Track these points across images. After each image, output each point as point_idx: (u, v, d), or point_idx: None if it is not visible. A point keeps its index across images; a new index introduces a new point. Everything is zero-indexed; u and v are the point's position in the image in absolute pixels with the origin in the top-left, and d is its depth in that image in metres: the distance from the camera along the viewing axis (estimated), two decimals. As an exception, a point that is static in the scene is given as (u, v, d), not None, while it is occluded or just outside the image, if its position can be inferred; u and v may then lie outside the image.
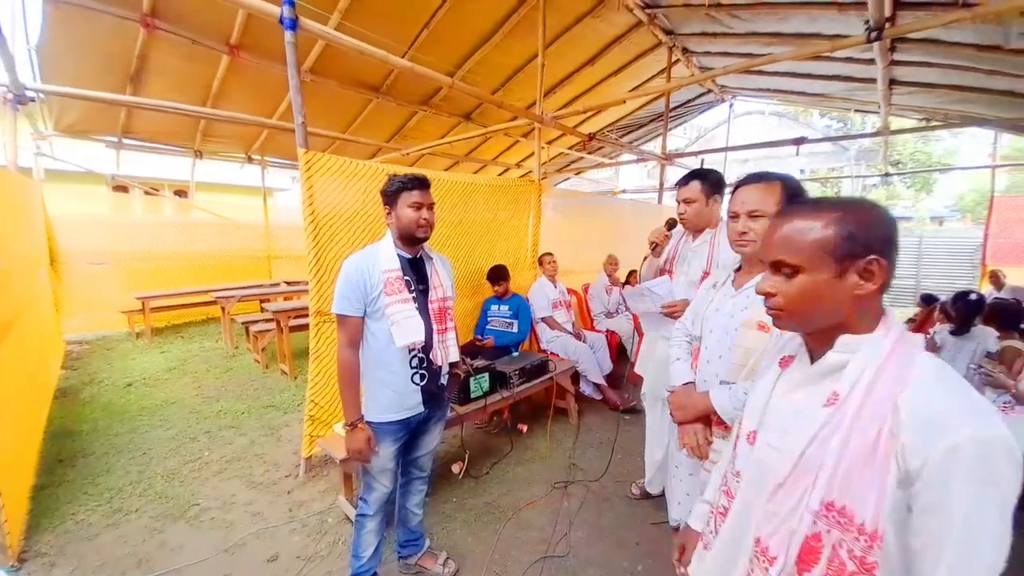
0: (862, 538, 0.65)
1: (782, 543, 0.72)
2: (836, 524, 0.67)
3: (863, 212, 0.73)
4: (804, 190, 1.36)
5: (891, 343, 0.70)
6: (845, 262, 0.72)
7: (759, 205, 1.33)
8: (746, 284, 1.39)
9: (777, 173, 1.37)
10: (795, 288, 0.76)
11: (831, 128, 17.90)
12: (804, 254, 0.74)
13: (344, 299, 1.63)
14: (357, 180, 2.74)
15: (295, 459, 2.90)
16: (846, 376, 0.71)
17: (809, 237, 0.74)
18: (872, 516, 0.64)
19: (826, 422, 0.70)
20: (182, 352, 5.41)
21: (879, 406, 0.66)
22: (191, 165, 6.53)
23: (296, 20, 2.30)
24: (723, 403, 1.33)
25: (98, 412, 3.63)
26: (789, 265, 0.76)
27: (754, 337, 1.31)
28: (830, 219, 0.73)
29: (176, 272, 6.70)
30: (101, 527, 2.30)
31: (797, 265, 0.75)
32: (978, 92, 4.27)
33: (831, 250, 0.72)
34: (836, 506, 0.67)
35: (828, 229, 0.73)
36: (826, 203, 0.76)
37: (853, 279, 0.72)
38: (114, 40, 3.95)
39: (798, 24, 3.92)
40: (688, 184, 2.08)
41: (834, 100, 6.21)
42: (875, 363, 0.69)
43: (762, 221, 1.33)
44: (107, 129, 5.36)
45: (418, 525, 2.03)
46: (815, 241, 0.73)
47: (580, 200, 6.77)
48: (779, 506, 0.73)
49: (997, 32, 3.04)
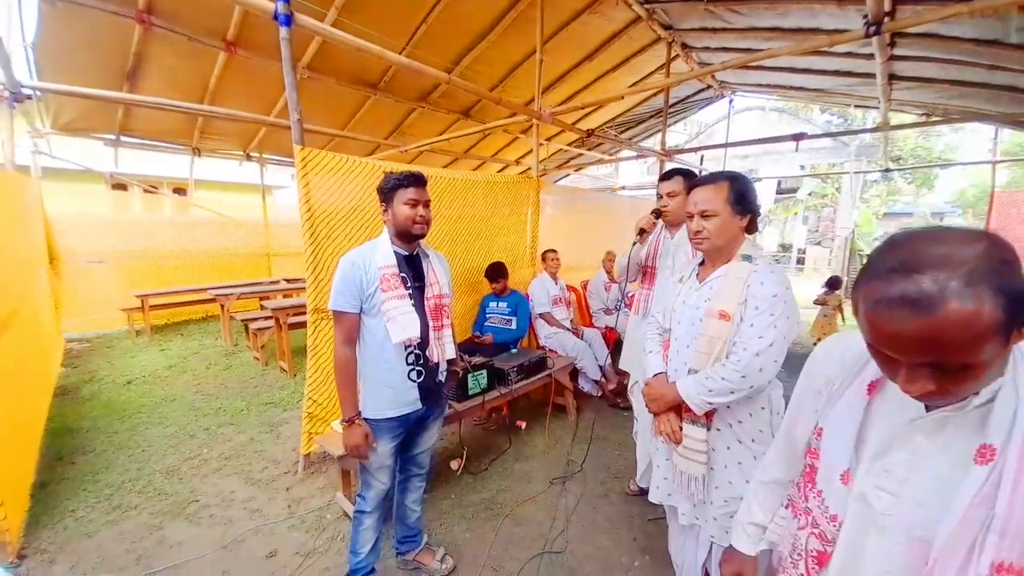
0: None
1: None
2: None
3: (990, 241, 0.57)
4: (751, 188, 1.46)
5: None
6: (1012, 335, 0.57)
7: (709, 205, 1.43)
8: (709, 277, 1.49)
9: (727, 173, 1.48)
10: (961, 380, 0.60)
11: (831, 124, 17.82)
12: (976, 351, 0.56)
13: (340, 295, 1.63)
14: (354, 177, 2.73)
15: (294, 456, 2.90)
16: (994, 425, 0.62)
17: (976, 331, 0.54)
18: None
19: (986, 480, 0.62)
20: (182, 350, 5.42)
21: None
22: (190, 163, 6.51)
23: (291, 16, 2.29)
24: (689, 393, 1.42)
25: (98, 409, 3.64)
26: (956, 365, 0.58)
27: (717, 326, 1.39)
28: (991, 305, 0.54)
29: (175, 270, 6.72)
30: (100, 524, 2.30)
31: (969, 364, 0.57)
32: (978, 87, 4.24)
33: (1002, 330, 0.55)
34: (1015, 568, 0.60)
35: (984, 307, 0.53)
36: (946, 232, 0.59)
37: (1016, 337, 0.59)
38: (110, 37, 3.93)
39: (798, 19, 3.89)
40: (671, 178, 2.25)
41: (834, 95, 6.18)
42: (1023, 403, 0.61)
43: (713, 220, 1.43)
44: (105, 127, 5.34)
45: (416, 521, 2.03)
46: (986, 330, 0.54)
47: (579, 197, 6.76)
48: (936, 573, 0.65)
49: (996, 27, 3.02)
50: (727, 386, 1.35)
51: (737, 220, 1.43)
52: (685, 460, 1.49)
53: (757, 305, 1.35)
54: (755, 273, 1.38)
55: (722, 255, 1.48)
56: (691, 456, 1.47)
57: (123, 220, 6.44)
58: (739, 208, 1.42)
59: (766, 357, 1.33)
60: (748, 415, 1.45)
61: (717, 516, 1.48)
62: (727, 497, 1.46)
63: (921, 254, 0.57)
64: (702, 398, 1.39)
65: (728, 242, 1.45)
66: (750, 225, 1.46)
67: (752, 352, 1.32)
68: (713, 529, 1.50)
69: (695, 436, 1.47)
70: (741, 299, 1.37)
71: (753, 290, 1.36)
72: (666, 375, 1.56)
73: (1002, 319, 0.54)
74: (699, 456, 1.46)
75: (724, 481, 1.46)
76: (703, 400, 1.39)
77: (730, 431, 1.45)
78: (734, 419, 1.45)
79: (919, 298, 0.55)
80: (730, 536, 1.10)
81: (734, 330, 1.37)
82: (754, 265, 1.40)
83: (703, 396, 1.39)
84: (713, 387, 1.36)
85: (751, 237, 1.48)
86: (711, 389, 1.37)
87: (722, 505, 1.47)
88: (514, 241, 4.18)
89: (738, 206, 1.42)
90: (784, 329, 1.34)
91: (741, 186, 1.43)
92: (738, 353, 1.35)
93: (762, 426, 1.45)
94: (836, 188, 14.93)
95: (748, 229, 1.47)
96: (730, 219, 1.42)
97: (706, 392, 1.38)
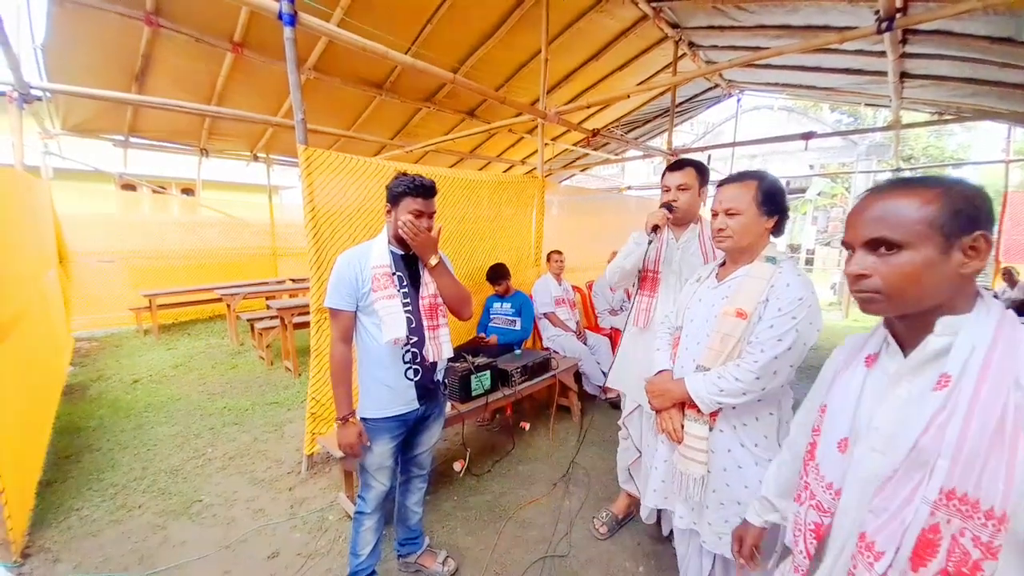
0: (990, 523, 0.61)
1: (891, 538, 0.68)
2: (957, 512, 0.64)
3: (965, 189, 0.70)
4: (782, 189, 1.42)
5: (995, 320, 0.68)
6: (952, 238, 0.68)
7: (735, 203, 1.39)
8: (728, 276, 1.45)
9: (756, 172, 1.43)
10: (896, 267, 0.71)
11: (841, 123, 17.62)
12: (909, 230, 0.69)
13: (336, 293, 1.64)
14: (358, 177, 2.73)
15: (297, 456, 2.90)
16: (954, 357, 0.67)
17: (914, 213, 0.69)
18: (1001, 499, 0.61)
19: (941, 406, 0.67)
20: (188, 349, 5.46)
21: (999, 383, 0.63)
22: (197, 163, 6.57)
23: (295, 16, 2.29)
24: (698, 390, 1.38)
25: (105, 408, 3.67)
26: (891, 242, 0.71)
27: (732, 323, 1.36)
28: (933, 195, 0.69)
29: (183, 270, 6.77)
30: (104, 523, 2.31)
31: (901, 242, 0.70)
32: (991, 85, 4.16)
33: (939, 226, 0.68)
34: (957, 494, 0.64)
35: (933, 204, 0.69)
36: (924, 180, 0.73)
37: (958, 257, 0.69)
38: (119, 38, 3.97)
39: (808, 16, 3.84)
40: (682, 168, 1.97)
41: (844, 94, 6.09)
42: (984, 341, 0.66)
43: (738, 219, 1.39)
44: (114, 128, 5.40)
45: (417, 523, 2.02)
46: (922, 217, 0.69)
47: (585, 197, 6.73)
48: (888, 501, 0.70)
49: (1010, 23, 2.96)
50: (740, 387, 1.31)
51: (763, 221, 1.39)
52: (684, 460, 1.45)
53: (780, 307, 1.30)
54: (780, 274, 1.34)
55: (744, 255, 1.43)
56: (691, 455, 1.44)
57: (132, 220, 6.51)
58: (766, 208, 1.38)
59: (783, 361, 1.29)
60: (755, 419, 1.41)
61: (712, 521, 1.44)
62: (723, 500, 1.42)
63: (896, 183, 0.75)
64: (712, 397, 1.35)
65: (752, 243, 1.41)
66: (776, 227, 1.42)
67: (770, 355, 1.28)
68: (707, 535, 1.46)
69: (697, 434, 1.43)
70: (762, 298, 1.33)
71: (778, 291, 1.32)
72: (671, 372, 1.53)
73: (938, 218, 0.68)
74: (699, 456, 1.42)
75: (722, 484, 1.42)
76: (713, 399, 1.35)
77: (734, 433, 1.42)
78: (739, 421, 1.41)
79: (881, 188, 0.75)
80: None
81: (749, 329, 1.34)
82: (779, 267, 1.36)
83: (713, 395, 1.35)
84: (725, 387, 1.33)
85: (775, 240, 1.44)
86: (723, 389, 1.33)
87: (718, 509, 1.43)
88: (519, 242, 4.16)
89: (765, 206, 1.38)
90: (804, 334, 1.30)
91: (770, 186, 1.39)
92: (755, 354, 1.31)
93: (768, 431, 1.41)
94: (846, 188, 14.78)
95: (774, 231, 1.42)
96: (756, 219, 1.39)
97: (717, 391, 1.34)
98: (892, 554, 0.68)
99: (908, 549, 0.67)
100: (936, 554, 0.65)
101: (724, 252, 1.50)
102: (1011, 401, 0.62)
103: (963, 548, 0.63)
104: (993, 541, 0.61)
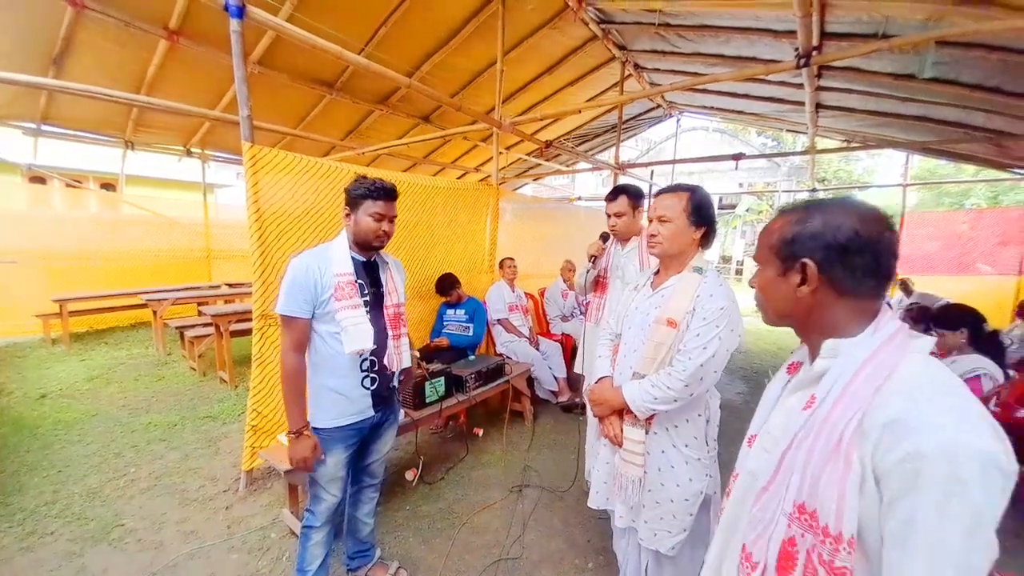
0: (828, 540, 0.64)
1: (763, 548, 0.72)
2: (808, 527, 0.67)
3: (822, 215, 0.75)
4: (711, 203, 1.55)
5: (877, 344, 0.69)
6: (786, 262, 0.77)
7: (667, 211, 1.52)
8: (661, 285, 1.56)
9: (689, 185, 1.56)
10: (759, 283, 0.84)
11: (766, 146, 19.23)
12: (761, 252, 0.83)
13: (291, 299, 1.55)
14: (308, 177, 2.64)
15: (235, 472, 2.73)
16: (824, 380, 0.71)
17: (770, 238, 0.81)
18: (836, 519, 0.63)
19: (802, 425, 0.71)
20: (106, 360, 4.95)
21: (848, 408, 0.66)
22: (121, 156, 6.02)
23: (243, 8, 2.20)
24: (634, 398, 1.47)
25: (6, 427, 3.26)
26: (757, 261, 0.84)
27: (664, 332, 1.46)
28: (788, 220, 0.79)
29: (101, 272, 6.15)
30: (14, 551, 2.08)
31: (759, 261, 0.84)
32: (893, 117, 4.74)
33: (776, 251, 0.79)
34: (807, 509, 0.67)
35: (782, 230, 0.78)
36: (800, 206, 0.80)
37: (794, 279, 0.76)
38: (36, 18, 3.59)
39: (738, 47, 4.20)
40: (617, 199, 2.34)
41: (769, 120, 6.70)
42: (853, 366, 0.68)
43: (668, 225, 1.51)
44: (24, 114, 4.82)
45: (369, 535, 1.96)
46: (769, 241, 0.81)
47: (538, 206, 6.87)
48: (763, 511, 0.74)
49: (913, 62, 3.39)
50: (671, 394, 1.41)
51: (692, 231, 1.51)
52: (624, 463, 1.54)
53: (705, 316, 1.41)
54: (705, 284, 1.45)
55: (675, 263, 1.55)
56: (630, 459, 1.52)
57: (40, 217, 5.85)
58: (695, 219, 1.50)
59: (708, 367, 1.40)
60: (685, 420, 1.51)
61: (648, 519, 1.53)
62: (658, 499, 1.51)
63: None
64: (647, 404, 1.44)
65: (681, 250, 1.52)
66: (704, 239, 1.54)
67: (697, 362, 1.39)
68: (644, 532, 1.55)
69: (634, 438, 1.52)
70: (689, 308, 1.44)
71: (703, 301, 1.43)
72: (611, 379, 1.63)
73: (775, 244, 0.79)
74: (637, 459, 1.51)
75: (657, 484, 1.51)
76: (647, 406, 1.45)
77: (666, 435, 1.51)
78: (671, 423, 1.51)
79: (777, 210, 0.86)
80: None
81: (679, 337, 1.44)
82: (704, 277, 1.47)
83: (648, 403, 1.44)
84: (658, 395, 1.42)
85: (702, 252, 1.56)
86: (656, 397, 1.43)
87: (653, 507, 1.52)
88: (472, 248, 4.18)
89: (694, 216, 1.50)
90: (727, 341, 1.41)
91: (700, 199, 1.52)
92: (683, 362, 1.41)
93: (696, 432, 1.52)
94: (770, 205, 16.14)
95: (703, 243, 1.54)
96: (685, 228, 1.50)
97: (651, 399, 1.43)
98: (762, 565, 0.72)
99: (773, 560, 0.71)
100: (795, 568, 0.68)
101: (657, 258, 1.62)
102: (851, 426, 0.64)
103: (814, 565, 0.66)
104: (834, 561, 0.63)
